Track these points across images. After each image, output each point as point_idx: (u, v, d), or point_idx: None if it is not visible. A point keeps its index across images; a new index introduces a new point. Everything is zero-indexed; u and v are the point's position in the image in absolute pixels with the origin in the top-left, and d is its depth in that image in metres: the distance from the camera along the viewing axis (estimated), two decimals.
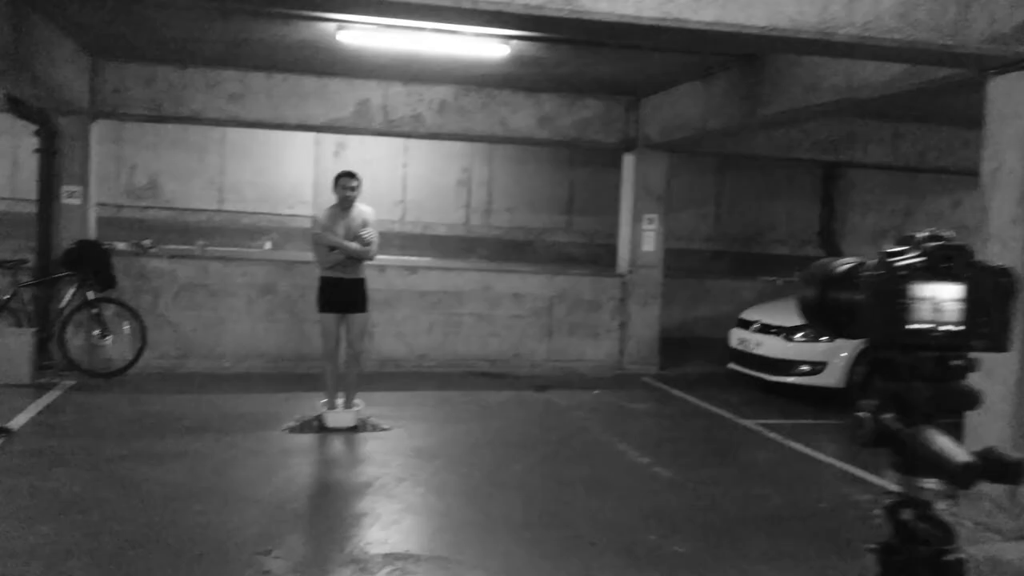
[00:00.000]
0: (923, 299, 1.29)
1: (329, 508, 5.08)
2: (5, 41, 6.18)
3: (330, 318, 6.81)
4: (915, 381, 1.32)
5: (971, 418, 1.39)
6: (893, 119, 10.12)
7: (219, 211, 12.62)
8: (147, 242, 9.79)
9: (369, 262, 6.91)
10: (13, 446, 5.94)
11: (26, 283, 8.51)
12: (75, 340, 8.46)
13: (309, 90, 9.19)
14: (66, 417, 6.93)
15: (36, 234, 8.70)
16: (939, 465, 1.24)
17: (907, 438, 1.30)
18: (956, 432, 1.32)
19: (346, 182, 6.74)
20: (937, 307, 1.29)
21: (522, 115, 9.71)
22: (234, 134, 12.17)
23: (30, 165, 9.11)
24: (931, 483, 1.31)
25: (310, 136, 12.18)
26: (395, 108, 9.40)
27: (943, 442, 1.25)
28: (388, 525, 4.74)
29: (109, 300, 8.56)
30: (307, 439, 6.57)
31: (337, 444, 6.55)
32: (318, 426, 6.80)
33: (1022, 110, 4.85)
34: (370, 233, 6.72)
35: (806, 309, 1.44)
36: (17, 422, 6.50)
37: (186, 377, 8.65)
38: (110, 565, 4.03)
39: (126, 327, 8.54)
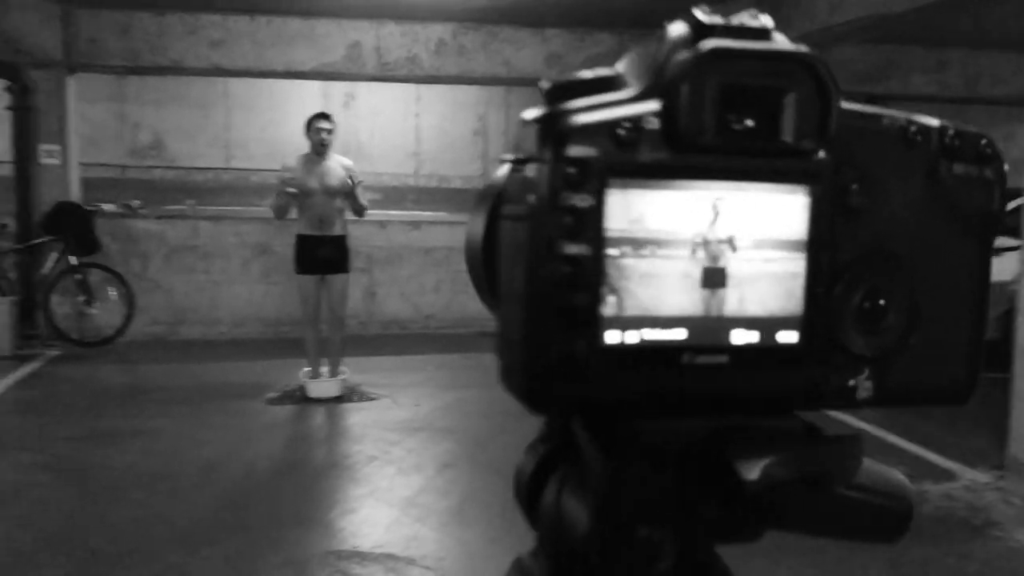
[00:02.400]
0: (656, 245, 0.42)
1: (284, 494, 4.57)
2: None
3: (308, 280, 6.26)
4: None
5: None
6: (938, 44, 9.14)
7: (227, 169, 12.13)
8: (136, 203, 9.34)
9: (357, 219, 6.38)
10: None
11: (6, 249, 8.12)
12: (61, 308, 8.07)
13: (295, 33, 8.55)
14: (36, 392, 6.55)
15: (15, 198, 8.28)
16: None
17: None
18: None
19: (320, 124, 6.12)
20: (713, 275, 0.43)
21: (527, 54, 8.96)
22: (237, 87, 11.61)
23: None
24: None
25: (316, 87, 11.57)
26: (389, 50, 8.71)
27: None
28: (343, 515, 4.21)
29: (94, 265, 8.13)
30: (285, 411, 6.08)
31: (316, 417, 6.04)
32: (300, 396, 6.31)
33: None
34: (361, 191, 6.18)
35: (469, 260, 0.56)
36: None
37: (179, 344, 8.23)
38: (13, 570, 3.57)
39: (113, 293, 8.12)
